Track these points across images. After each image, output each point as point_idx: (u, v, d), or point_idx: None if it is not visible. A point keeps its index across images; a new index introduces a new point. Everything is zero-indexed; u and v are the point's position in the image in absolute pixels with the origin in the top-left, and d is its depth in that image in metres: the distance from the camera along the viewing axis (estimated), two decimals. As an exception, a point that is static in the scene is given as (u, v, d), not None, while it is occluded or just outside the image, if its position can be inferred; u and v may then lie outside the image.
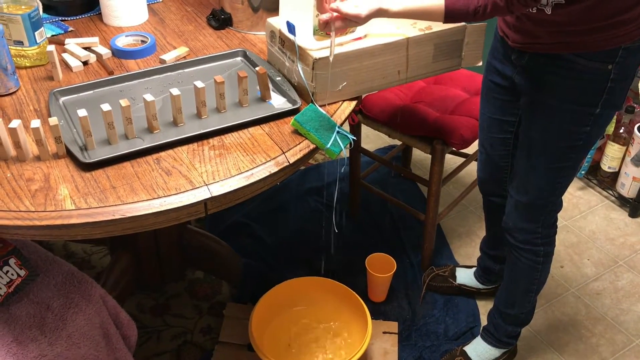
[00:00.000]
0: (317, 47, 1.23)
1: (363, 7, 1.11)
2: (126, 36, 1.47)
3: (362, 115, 1.83)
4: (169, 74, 1.35)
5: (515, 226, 1.43)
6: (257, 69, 1.26)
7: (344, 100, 1.29)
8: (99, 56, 1.40)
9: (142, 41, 1.46)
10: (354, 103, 1.30)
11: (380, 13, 1.12)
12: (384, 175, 2.31)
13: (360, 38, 1.28)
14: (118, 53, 1.42)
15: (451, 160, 2.25)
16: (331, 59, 1.19)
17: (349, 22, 1.13)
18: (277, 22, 1.31)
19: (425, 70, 1.37)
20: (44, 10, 1.55)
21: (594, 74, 1.19)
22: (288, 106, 1.25)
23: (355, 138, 1.23)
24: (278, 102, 1.27)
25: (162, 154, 1.13)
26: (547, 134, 1.28)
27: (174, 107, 1.18)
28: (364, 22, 1.14)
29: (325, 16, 1.12)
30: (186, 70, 1.37)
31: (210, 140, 1.17)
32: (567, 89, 1.23)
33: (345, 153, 1.19)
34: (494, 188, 1.59)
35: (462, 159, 2.01)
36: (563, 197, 1.41)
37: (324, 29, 1.14)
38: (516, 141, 1.42)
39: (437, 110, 1.77)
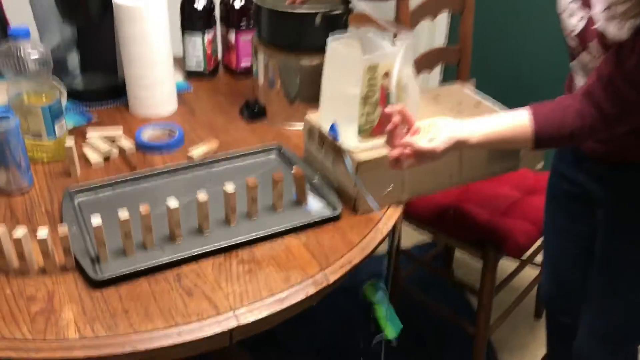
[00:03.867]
0: (361, 149, 1.10)
1: (438, 140, 0.95)
2: (153, 127, 1.37)
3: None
4: (197, 172, 1.22)
5: (591, 355, 1.23)
6: (293, 171, 1.13)
7: (389, 206, 1.15)
8: (121, 150, 1.29)
9: (170, 132, 1.36)
10: (400, 209, 1.16)
11: (459, 145, 0.96)
12: (423, 274, 2.12)
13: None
14: (142, 147, 1.31)
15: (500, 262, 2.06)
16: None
17: (423, 157, 0.97)
18: (316, 119, 1.20)
19: (479, 172, 1.24)
20: (69, 97, 1.46)
21: None
22: (327, 213, 1.11)
23: (402, 326, 1.14)
24: (315, 206, 1.13)
25: (184, 268, 0.98)
26: (632, 254, 1.12)
27: (200, 214, 1.04)
28: (439, 157, 0.97)
29: (396, 152, 0.97)
30: (216, 168, 1.24)
31: (239, 252, 1.02)
32: None
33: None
34: (562, 305, 1.39)
35: (515, 263, 1.82)
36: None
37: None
38: (590, 255, 1.25)
39: (487, 211, 1.61)
